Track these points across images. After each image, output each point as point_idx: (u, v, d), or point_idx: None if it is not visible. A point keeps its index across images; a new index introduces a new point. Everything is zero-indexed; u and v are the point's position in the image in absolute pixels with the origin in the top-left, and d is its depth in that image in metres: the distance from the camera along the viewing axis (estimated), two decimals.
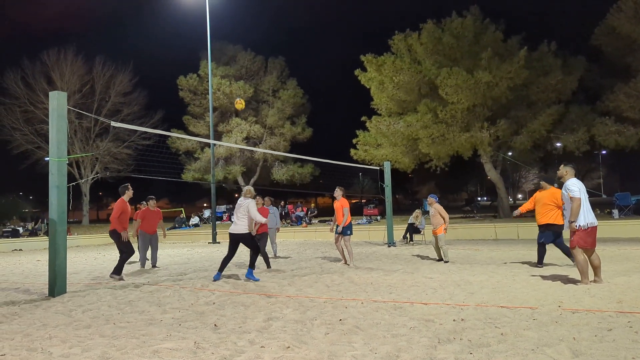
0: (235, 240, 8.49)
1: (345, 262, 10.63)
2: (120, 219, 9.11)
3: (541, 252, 9.32)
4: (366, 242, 18.32)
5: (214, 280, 8.41)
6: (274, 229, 12.66)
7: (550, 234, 8.94)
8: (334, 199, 10.77)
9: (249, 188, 8.74)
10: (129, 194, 9.43)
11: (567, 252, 8.77)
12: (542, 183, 9.44)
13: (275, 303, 6.27)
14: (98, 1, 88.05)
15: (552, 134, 24.47)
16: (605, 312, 5.15)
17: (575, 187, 6.82)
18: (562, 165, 7.25)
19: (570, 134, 23.74)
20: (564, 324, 4.73)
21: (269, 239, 12.38)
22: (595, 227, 6.85)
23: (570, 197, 6.81)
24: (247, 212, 8.37)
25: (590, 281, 6.86)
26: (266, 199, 12.44)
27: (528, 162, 29.28)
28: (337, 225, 10.42)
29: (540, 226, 9.18)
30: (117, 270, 9.07)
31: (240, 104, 12.22)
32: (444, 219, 10.65)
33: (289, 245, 17.57)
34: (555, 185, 9.75)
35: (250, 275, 8.40)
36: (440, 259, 10.77)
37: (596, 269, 6.93)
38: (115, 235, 9.14)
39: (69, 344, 4.44)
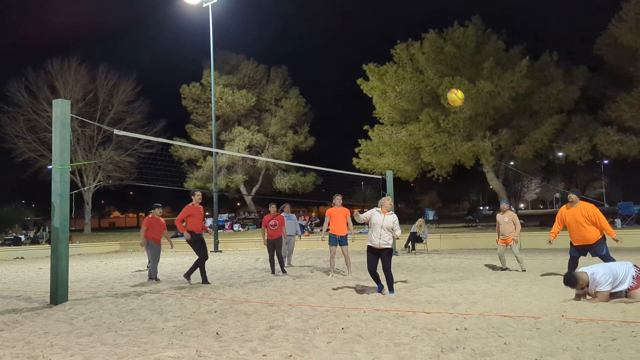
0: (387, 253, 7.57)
1: (333, 274, 10.12)
2: (187, 222, 9.46)
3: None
4: None
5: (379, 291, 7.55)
6: (294, 236, 12.68)
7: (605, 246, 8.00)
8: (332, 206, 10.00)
9: (390, 202, 7.75)
10: (196, 198, 9.64)
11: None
12: (572, 196, 8.41)
13: (277, 312, 6.25)
14: (102, 10, 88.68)
15: (554, 144, 24.49)
16: (609, 321, 5.12)
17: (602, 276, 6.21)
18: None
19: (572, 144, 23.76)
20: (567, 334, 4.70)
21: (287, 247, 12.40)
22: None
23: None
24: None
25: None
26: (286, 206, 12.51)
27: (530, 171, 29.31)
28: (336, 235, 9.73)
29: (579, 247, 8.22)
30: (188, 274, 9.59)
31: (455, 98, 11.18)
32: (515, 227, 10.27)
33: None
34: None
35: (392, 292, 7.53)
36: (505, 269, 10.48)
37: None
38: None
39: (70, 352, 4.43)
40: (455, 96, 11.43)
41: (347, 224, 9.85)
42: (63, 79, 35.84)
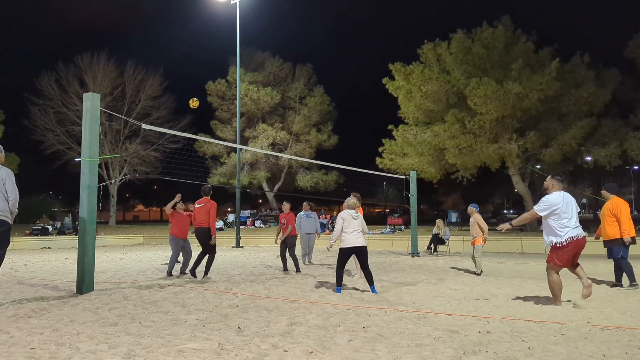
0: (359, 252, 7.82)
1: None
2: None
3: (628, 268, 8.09)
4: (390, 251, 18.22)
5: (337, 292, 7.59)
6: (314, 234, 12.69)
7: (623, 248, 8.01)
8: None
9: (354, 200, 8.17)
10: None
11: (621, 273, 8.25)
12: (603, 192, 8.48)
13: (298, 308, 6.26)
14: (130, 7, 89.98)
15: (582, 148, 24.05)
16: (636, 329, 5.01)
17: (545, 204, 6.23)
18: (548, 177, 6.64)
19: (601, 148, 23.31)
20: (593, 340, 4.61)
21: (307, 245, 12.45)
22: (579, 240, 6.19)
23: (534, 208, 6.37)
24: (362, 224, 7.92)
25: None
26: (305, 204, 12.59)
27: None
28: None
29: (606, 241, 8.27)
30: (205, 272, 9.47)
31: (194, 103, 12.44)
32: (482, 230, 10.41)
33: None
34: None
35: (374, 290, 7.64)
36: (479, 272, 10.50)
37: (581, 277, 6.48)
38: (207, 235, 9.33)
39: (96, 341, 4.51)
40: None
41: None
42: (92, 74, 36.48)
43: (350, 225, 7.75)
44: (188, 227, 10.55)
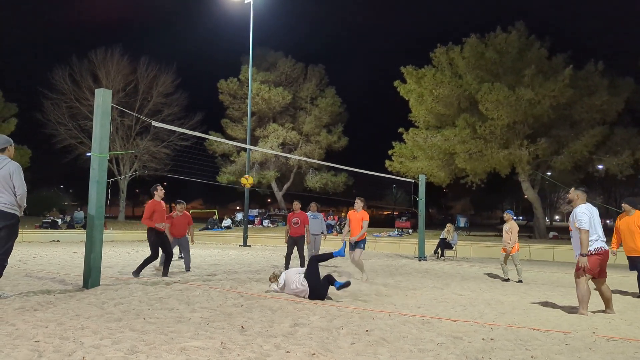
0: None
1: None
2: (152, 219, 9.24)
3: None
4: (397, 254, 18.16)
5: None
6: (320, 235, 12.67)
7: None
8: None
9: None
10: (158, 193, 9.64)
11: None
12: (625, 206, 8.43)
13: (302, 309, 6.27)
14: (144, 3, 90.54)
15: (594, 156, 23.83)
16: None
17: (585, 215, 6.32)
18: (572, 189, 6.73)
19: (613, 157, 23.07)
20: (598, 351, 4.57)
21: (313, 246, 12.45)
22: (606, 251, 6.44)
23: (577, 228, 6.38)
24: None
25: (595, 311, 6.56)
26: (312, 204, 12.59)
27: (567, 183, 28.58)
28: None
29: (631, 258, 8.24)
30: (137, 271, 9.13)
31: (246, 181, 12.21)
32: (512, 237, 10.32)
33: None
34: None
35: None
36: (506, 279, 10.44)
37: (607, 302, 6.69)
38: (149, 234, 9.32)
39: (100, 336, 4.53)
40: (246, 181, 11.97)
41: (362, 227, 9.60)
42: (105, 69, 36.65)
43: None
44: (185, 227, 10.99)
